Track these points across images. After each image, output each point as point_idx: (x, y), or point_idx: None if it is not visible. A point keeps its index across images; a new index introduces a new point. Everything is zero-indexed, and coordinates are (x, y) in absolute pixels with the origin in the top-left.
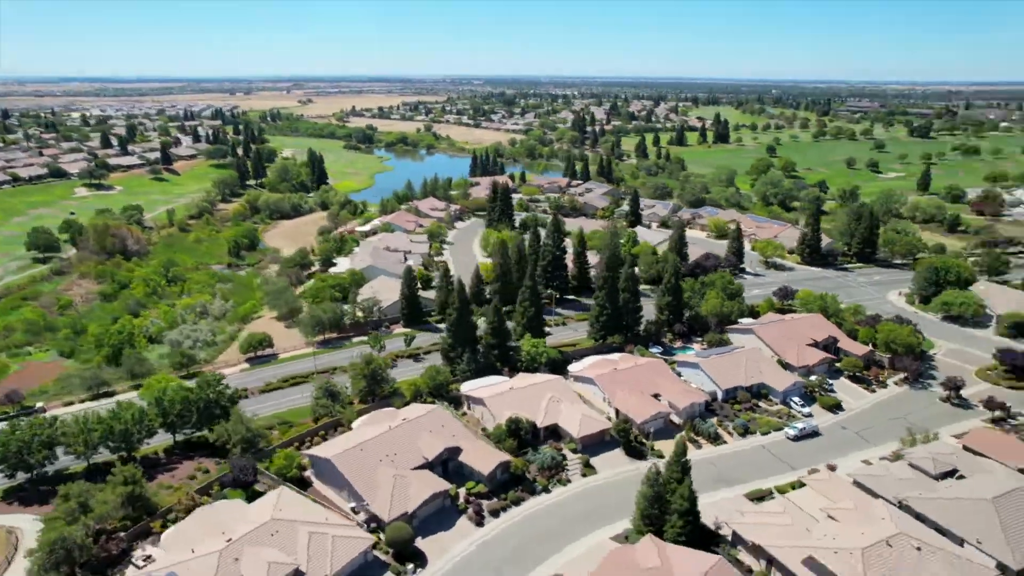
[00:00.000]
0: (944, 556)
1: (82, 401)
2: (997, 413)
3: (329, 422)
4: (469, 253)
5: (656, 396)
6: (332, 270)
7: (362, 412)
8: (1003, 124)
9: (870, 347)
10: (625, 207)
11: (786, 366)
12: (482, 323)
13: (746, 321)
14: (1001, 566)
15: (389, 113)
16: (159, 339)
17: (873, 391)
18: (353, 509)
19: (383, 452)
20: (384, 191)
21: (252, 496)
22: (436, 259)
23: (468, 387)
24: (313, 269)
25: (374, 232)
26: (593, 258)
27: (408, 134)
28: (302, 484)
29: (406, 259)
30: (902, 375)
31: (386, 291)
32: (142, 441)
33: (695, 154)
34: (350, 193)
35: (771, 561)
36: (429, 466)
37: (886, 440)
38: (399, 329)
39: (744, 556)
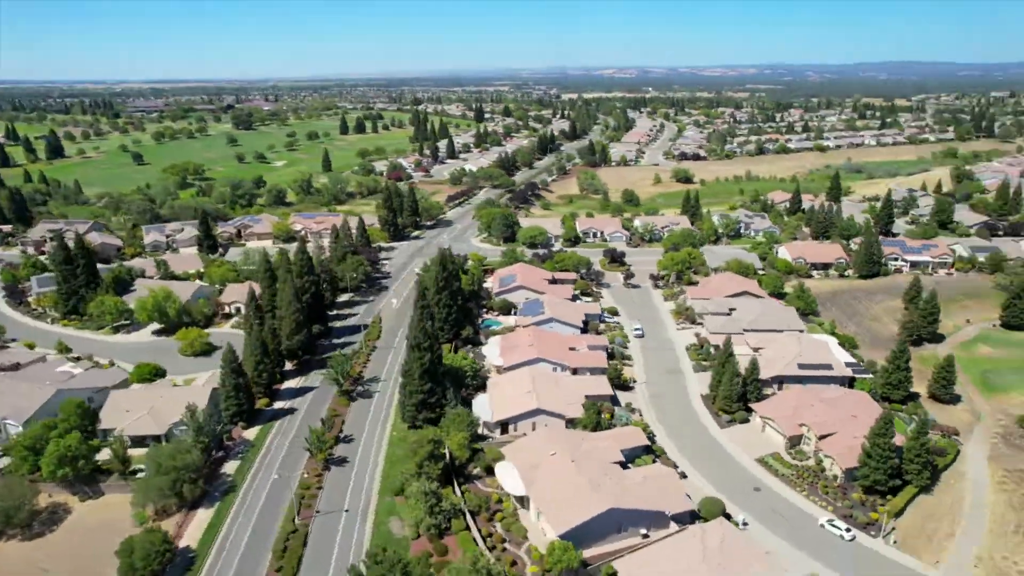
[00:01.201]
0: (797, 336)
1: None
2: (657, 282)
3: (461, 522)
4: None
5: (573, 348)
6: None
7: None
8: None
9: (571, 272)
10: (174, 235)
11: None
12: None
13: (495, 285)
14: (799, 331)
15: None
16: None
17: (601, 297)
18: (644, 535)
19: (597, 479)
20: None
21: None
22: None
23: (486, 415)
24: None
25: None
26: None
27: None
28: None
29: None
30: (592, 283)
31: (160, 401)
32: None
33: (39, 172)
34: None
35: (781, 382)
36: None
37: (659, 316)
38: (248, 434)
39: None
